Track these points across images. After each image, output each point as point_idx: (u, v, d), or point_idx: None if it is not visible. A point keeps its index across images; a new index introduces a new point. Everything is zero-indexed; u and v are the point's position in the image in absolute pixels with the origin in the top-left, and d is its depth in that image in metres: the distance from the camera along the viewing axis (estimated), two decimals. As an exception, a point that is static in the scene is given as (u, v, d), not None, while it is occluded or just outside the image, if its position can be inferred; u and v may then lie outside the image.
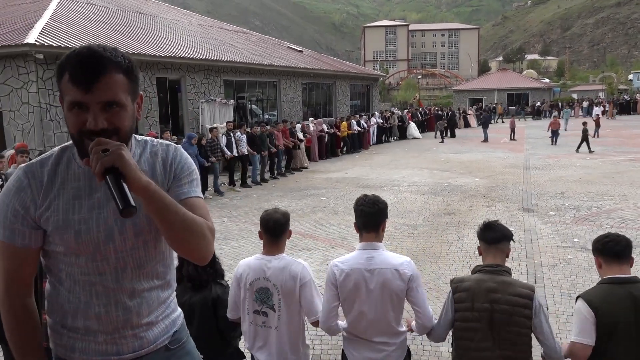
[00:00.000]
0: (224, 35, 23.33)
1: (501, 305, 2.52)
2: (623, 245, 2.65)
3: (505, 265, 2.68)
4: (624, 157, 16.74)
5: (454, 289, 2.67)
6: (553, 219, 8.83)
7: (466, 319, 2.60)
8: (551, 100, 48.27)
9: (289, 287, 2.75)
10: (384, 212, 2.70)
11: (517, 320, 2.52)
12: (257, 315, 2.81)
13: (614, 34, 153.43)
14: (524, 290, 2.56)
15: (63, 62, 1.44)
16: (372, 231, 2.67)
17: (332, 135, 19.53)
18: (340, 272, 2.63)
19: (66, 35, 12.71)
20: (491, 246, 2.72)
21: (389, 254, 2.68)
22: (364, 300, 2.61)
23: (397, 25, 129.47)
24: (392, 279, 2.58)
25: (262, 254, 2.86)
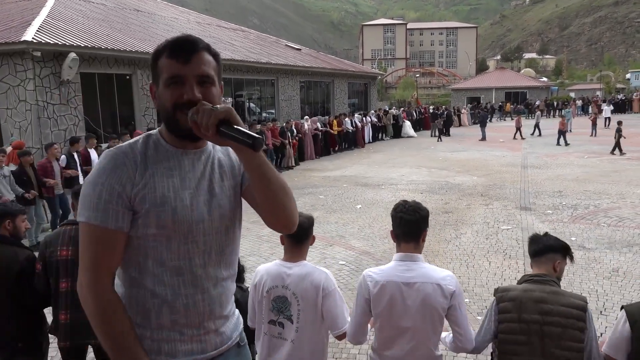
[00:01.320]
0: (222, 33, 23.29)
1: (553, 317, 2.32)
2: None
3: (554, 277, 2.48)
4: (621, 155, 16.76)
5: (499, 298, 2.45)
6: (550, 218, 8.85)
7: (512, 330, 2.38)
8: (548, 99, 48.35)
9: (310, 297, 2.51)
10: (426, 220, 2.45)
11: (570, 334, 2.31)
12: (273, 325, 2.58)
13: (611, 33, 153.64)
14: (576, 300, 2.37)
15: (159, 49, 1.54)
16: (412, 241, 2.41)
17: (326, 134, 19.53)
18: (374, 283, 2.36)
19: (64, 32, 12.67)
20: (534, 259, 2.56)
21: (430, 266, 2.43)
22: (401, 318, 2.34)
23: (396, 24, 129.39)
24: (434, 295, 2.32)
25: (282, 260, 2.63)
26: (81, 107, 12.52)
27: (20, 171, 8.10)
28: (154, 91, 1.58)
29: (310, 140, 18.36)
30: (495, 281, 5.93)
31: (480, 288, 5.72)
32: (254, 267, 6.59)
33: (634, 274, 6.05)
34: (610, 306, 5.16)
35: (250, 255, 7.16)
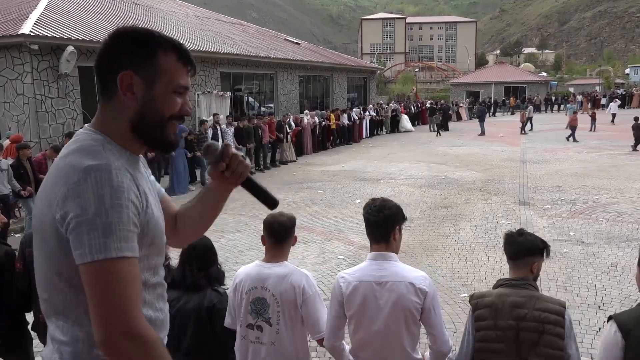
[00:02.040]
0: (220, 27, 23.20)
1: (528, 323, 2.22)
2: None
3: (531, 280, 2.37)
4: (620, 150, 16.77)
5: (474, 305, 2.34)
6: (549, 213, 8.86)
7: (488, 338, 2.27)
8: (547, 94, 48.30)
9: (289, 299, 2.45)
10: (393, 218, 2.34)
11: (547, 340, 2.20)
12: (251, 330, 2.51)
13: (611, 27, 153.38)
14: (553, 305, 2.26)
15: (160, 40, 1.37)
16: (381, 241, 2.35)
17: (323, 128, 19.53)
18: (347, 284, 2.31)
19: (61, 25, 12.60)
20: (510, 261, 2.44)
21: (403, 265, 2.36)
22: (374, 318, 2.28)
23: (395, 18, 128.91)
24: (407, 294, 2.25)
25: (263, 260, 2.59)
26: (79, 101, 12.47)
27: (17, 165, 8.08)
28: (133, 84, 1.32)
29: (309, 135, 18.34)
30: (494, 276, 5.94)
31: (479, 283, 5.73)
32: (252, 261, 6.61)
33: (632, 269, 6.05)
34: (609, 301, 5.17)
35: (249, 249, 7.16)
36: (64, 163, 1.27)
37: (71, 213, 1.19)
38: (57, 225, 1.22)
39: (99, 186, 1.20)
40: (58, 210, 1.21)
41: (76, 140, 1.34)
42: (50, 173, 1.31)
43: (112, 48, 1.36)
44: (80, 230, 1.18)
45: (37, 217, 1.31)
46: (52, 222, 1.23)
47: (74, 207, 1.19)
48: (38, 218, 1.30)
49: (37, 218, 1.31)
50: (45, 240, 1.27)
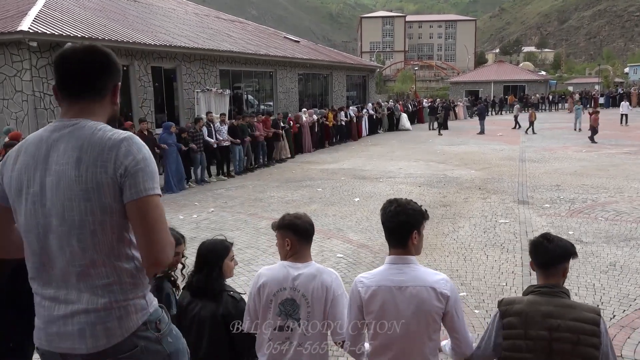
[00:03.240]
0: (219, 25, 23.16)
1: (562, 334, 2.13)
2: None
3: (562, 286, 2.30)
4: (619, 150, 16.79)
5: (503, 312, 2.27)
6: (548, 212, 8.86)
7: (518, 348, 2.19)
8: (549, 92, 48.32)
9: (319, 298, 2.42)
10: (410, 223, 2.27)
11: (582, 351, 2.11)
12: (280, 332, 2.45)
13: (610, 26, 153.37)
14: (588, 314, 2.16)
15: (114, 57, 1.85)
16: (399, 246, 2.30)
17: (322, 126, 19.53)
18: (365, 289, 2.27)
19: (60, 22, 12.58)
20: (542, 270, 2.33)
21: (424, 269, 2.31)
22: (394, 324, 2.24)
23: (394, 16, 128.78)
24: (429, 299, 2.21)
25: (289, 260, 2.52)
26: (78, 98, 12.43)
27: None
28: (117, 92, 1.85)
29: (307, 133, 18.33)
30: (493, 274, 5.94)
31: (478, 282, 5.73)
32: (251, 259, 6.61)
33: (631, 268, 6.06)
34: (607, 300, 5.17)
35: (247, 247, 7.15)
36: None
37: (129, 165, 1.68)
38: (116, 179, 1.66)
39: (143, 146, 1.75)
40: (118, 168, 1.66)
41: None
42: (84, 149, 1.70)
43: (109, 62, 1.80)
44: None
45: (85, 182, 1.66)
46: (112, 179, 1.66)
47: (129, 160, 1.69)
48: (88, 182, 1.66)
49: (87, 182, 1.66)
50: (101, 197, 1.66)
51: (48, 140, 1.72)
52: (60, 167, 1.67)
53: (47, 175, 1.68)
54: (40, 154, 1.71)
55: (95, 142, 1.67)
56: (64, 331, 1.67)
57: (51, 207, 1.67)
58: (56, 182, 1.67)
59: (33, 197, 1.70)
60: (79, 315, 1.66)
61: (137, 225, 1.66)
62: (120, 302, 1.68)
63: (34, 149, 1.73)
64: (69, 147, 1.67)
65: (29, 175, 1.71)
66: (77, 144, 1.67)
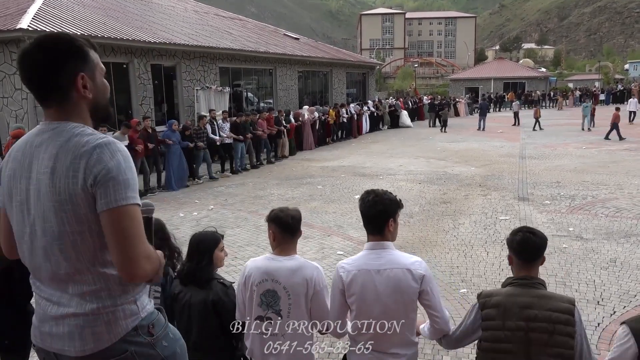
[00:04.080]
0: (219, 22, 23.13)
1: (539, 324, 2.22)
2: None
3: (539, 277, 2.40)
4: (619, 146, 16.78)
5: (482, 304, 2.36)
6: (548, 208, 8.86)
7: (497, 339, 2.27)
8: (550, 89, 48.28)
9: (300, 291, 2.52)
10: (387, 212, 2.42)
11: (558, 340, 2.20)
12: (260, 321, 2.57)
13: (610, 23, 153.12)
14: (563, 304, 2.26)
15: (83, 41, 1.73)
16: (376, 233, 2.46)
17: (323, 123, 19.56)
18: (347, 274, 2.42)
19: (59, 20, 12.56)
20: (524, 263, 2.41)
21: (399, 253, 2.46)
22: (373, 305, 2.39)
23: (394, 13, 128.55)
24: (405, 280, 2.36)
25: (273, 254, 2.63)
26: (78, 96, 12.42)
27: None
28: (86, 82, 1.70)
29: (309, 130, 18.33)
30: (493, 271, 5.95)
31: (478, 278, 5.74)
32: (252, 256, 6.60)
33: (632, 264, 6.07)
34: (608, 296, 5.18)
35: (248, 245, 7.16)
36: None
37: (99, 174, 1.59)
38: (87, 189, 1.59)
39: (123, 154, 1.67)
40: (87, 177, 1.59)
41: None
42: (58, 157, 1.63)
43: (52, 59, 1.65)
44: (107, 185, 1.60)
45: (59, 192, 1.61)
46: (82, 189, 1.59)
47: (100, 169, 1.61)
48: (61, 193, 1.61)
49: (60, 194, 1.61)
50: (75, 208, 1.61)
51: (32, 147, 1.69)
52: (40, 176, 1.64)
53: (30, 183, 1.67)
54: (25, 161, 1.69)
55: (69, 149, 1.61)
56: (56, 332, 1.69)
57: (35, 216, 1.66)
58: (36, 192, 1.65)
59: (20, 204, 1.70)
60: (69, 318, 1.66)
61: (109, 237, 1.59)
62: (108, 307, 1.66)
63: (20, 156, 1.71)
64: (46, 156, 1.63)
65: (15, 182, 1.71)
66: (53, 152, 1.62)
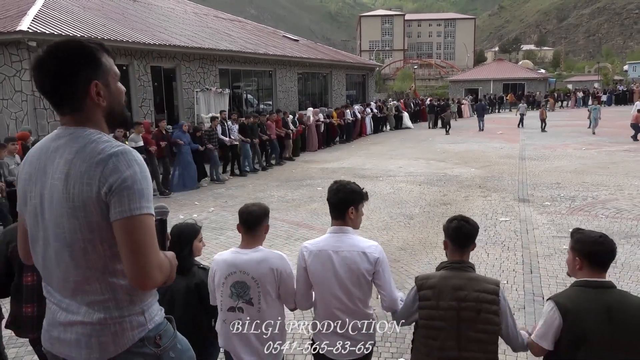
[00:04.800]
0: (219, 24, 23.15)
1: (468, 303, 2.45)
2: (613, 255, 2.43)
3: (470, 262, 2.66)
4: (619, 147, 16.78)
5: (419, 286, 2.60)
6: (548, 209, 8.86)
7: (431, 317, 2.52)
8: (547, 91, 48.27)
9: (268, 280, 2.73)
10: (348, 200, 2.68)
11: (485, 318, 2.44)
12: (232, 312, 2.75)
13: (609, 24, 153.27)
14: (489, 285, 2.51)
15: (95, 46, 1.71)
16: (339, 218, 2.71)
17: (328, 125, 19.60)
18: (309, 253, 2.71)
19: (59, 22, 12.57)
20: (458, 248, 2.66)
21: (358, 237, 2.72)
22: (332, 282, 2.65)
23: (393, 15, 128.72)
24: (360, 262, 2.63)
25: (239, 247, 2.85)
26: (78, 98, 12.42)
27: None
28: (99, 89, 1.68)
29: (313, 132, 18.39)
30: (494, 273, 5.94)
31: (479, 279, 5.73)
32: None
33: (632, 265, 6.06)
34: (608, 297, 5.17)
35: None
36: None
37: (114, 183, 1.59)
38: (100, 197, 1.59)
39: (138, 163, 1.66)
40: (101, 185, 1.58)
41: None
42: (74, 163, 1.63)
43: (65, 67, 1.64)
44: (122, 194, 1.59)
45: (72, 199, 1.61)
46: (96, 197, 1.59)
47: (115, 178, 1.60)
48: (74, 200, 1.61)
49: (73, 200, 1.61)
50: (88, 215, 1.61)
51: (48, 151, 1.69)
52: (54, 181, 1.63)
53: (45, 188, 1.67)
54: (40, 165, 1.69)
55: (84, 157, 1.61)
56: (64, 338, 1.69)
57: (48, 221, 1.66)
58: (50, 197, 1.65)
59: (34, 209, 1.70)
60: (77, 326, 1.67)
61: (122, 247, 1.60)
62: (115, 318, 1.66)
63: (36, 160, 1.72)
64: (62, 161, 1.63)
65: (30, 186, 1.71)
66: (69, 158, 1.62)
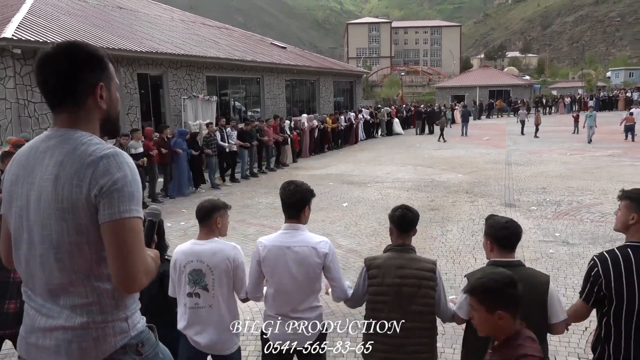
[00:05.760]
0: (206, 31, 23.12)
1: (409, 280, 2.78)
2: (518, 238, 2.81)
3: (411, 245, 2.98)
4: (603, 152, 17.02)
5: (367, 266, 2.92)
6: (535, 214, 8.94)
7: (377, 293, 2.84)
8: (542, 96, 48.89)
9: (223, 269, 2.97)
10: (302, 201, 2.91)
11: (423, 292, 2.79)
12: (190, 297, 2.99)
13: (592, 32, 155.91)
14: (427, 264, 2.87)
15: (104, 53, 1.75)
16: (294, 217, 2.93)
17: (321, 131, 19.75)
18: (263, 247, 2.92)
19: (44, 29, 12.45)
20: (402, 232, 2.95)
21: (309, 234, 2.95)
22: (283, 274, 2.87)
23: (380, 22, 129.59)
24: (310, 256, 2.86)
25: (196, 239, 3.10)
26: (63, 106, 12.31)
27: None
28: (103, 92, 1.71)
29: (307, 138, 18.50)
30: (481, 277, 5.96)
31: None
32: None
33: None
34: (594, 301, 5.22)
35: (236, 254, 7.12)
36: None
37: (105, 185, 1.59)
38: (90, 199, 1.58)
39: (130, 166, 1.67)
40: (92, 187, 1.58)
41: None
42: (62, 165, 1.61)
43: (75, 65, 1.66)
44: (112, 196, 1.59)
45: (61, 200, 1.59)
46: (86, 199, 1.58)
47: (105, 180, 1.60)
48: (63, 202, 1.59)
49: (62, 202, 1.59)
50: (77, 217, 1.59)
51: (37, 152, 1.67)
52: (43, 182, 1.61)
53: (32, 189, 1.64)
54: (29, 166, 1.67)
55: (75, 158, 1.59)
56: (42, 344, 1.65)
57: (33, 223, 1.64)
58: (37, 198, 1.62)
59: (20, 210, 1.67)
60: (57, 332, 1.63)
61: (109, 249, 1.59)
62: (98, 323, 1.64)
63: (24, 160, 1.70)
64: (52, 163, 1.61)
65: (17, 187, 1.69)
66: (58, 159, 1.61)
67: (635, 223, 2.60)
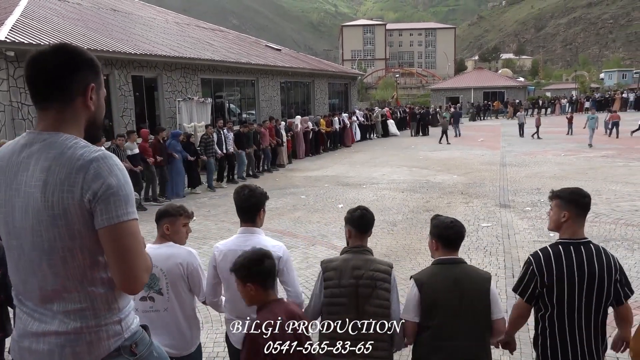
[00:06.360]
0: (200, 34, 23.11)
1: (365, 280, 2.79)
2: (462, 237, 2.88)
3: (367, 247, 2.96)
4: (597, 153, 17.11)
5: (324, 268, 2.90)
6: (529, 215, 8.97)
7: (334, 294, 2.84)
8: (530, 98, 49.13)
9: (176, 272, 2.96)
10: (257, 204, 2.95)
11: (378, 293, 2.80)
12: (144, 301, 2.97)
13: (585, 34, 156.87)
14: (382, 266, 2.86)
15: (97, 61, 1.75)
16: (249, 220, 2.96)
17: (316, 133, 19.83)
18: (219, 253, 2.94)
19: (38, 32, 12.42)
20: (360, 234, 2.95)
21: (265, 238, 2.96)
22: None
23: (375, 25, 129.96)
24: None
25: (151, 243, 3.05)
26: (57, 108, 12.27)
27: None
28: (93, 94, 1.71)
29: (301, 139, 18.54)
30: (477, 278, 5.98)
31: (462, 285, 5.76)
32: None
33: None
34: (589, 300, 5.24)
35: (232, 256, 7.10)
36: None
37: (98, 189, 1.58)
38: (83, 204, 1.56)
39: (120, 168, 1.65)
40: (84, 192, 1.56)
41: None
42: (51, 169, 1.58)
43: (69, 63, 1.65)
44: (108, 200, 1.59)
45: (52, 207, 1.57)
46: (79, 204, 1.56)
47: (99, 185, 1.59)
48: (54, 208, 1.57)
49: (53, 208, 1.57)
50: (69, 223, 1.58)
51: (18, 157, 1.63)
52: (29, 189, 1.58)
53: (16, 195, 1.61)
54: (11, 171, 1.63)
55: (63, 162, 1.56)
56: (35, 348, 1.64)
57: (22, 230, 1.62)
58: (25, 205, 1.59)
59: (6, 216, 1.65)
60: (50, 336, 1.62)
61: (110, 253, 1.59)
62: (91, 327, 1.63)
63: (4, 165, 1.66)
64: (37, 169, 1.58)
65: (1, 193, 1.66)
66: (45, 165, 1.57)
67: (567, 220, 2.79)
